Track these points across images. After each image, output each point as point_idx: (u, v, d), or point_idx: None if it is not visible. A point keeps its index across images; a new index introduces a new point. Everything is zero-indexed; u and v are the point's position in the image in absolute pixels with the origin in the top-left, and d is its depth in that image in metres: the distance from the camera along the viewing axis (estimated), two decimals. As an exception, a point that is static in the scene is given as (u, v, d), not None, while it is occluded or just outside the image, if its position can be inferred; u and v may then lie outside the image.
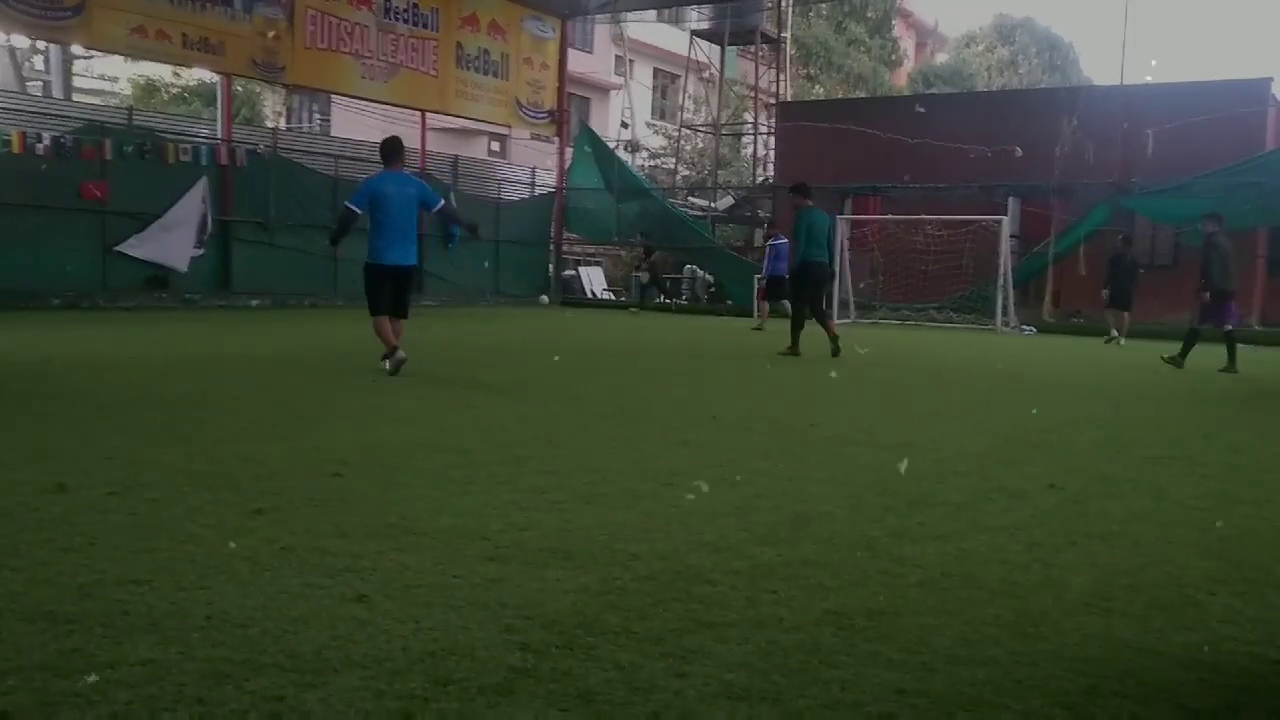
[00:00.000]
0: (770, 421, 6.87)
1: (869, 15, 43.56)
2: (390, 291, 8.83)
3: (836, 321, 15.33)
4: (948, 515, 4.24)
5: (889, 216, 22.66)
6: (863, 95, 38.51)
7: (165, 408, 6.56)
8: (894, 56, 46.01)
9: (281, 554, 3.34)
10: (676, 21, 36.43)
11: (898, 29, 47.64)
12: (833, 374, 10.00)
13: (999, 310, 20.30)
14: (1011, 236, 21.05)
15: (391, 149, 9.04)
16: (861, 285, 22.11)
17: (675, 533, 3.77)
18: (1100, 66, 60.87)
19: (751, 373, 10.45)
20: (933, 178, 22.62)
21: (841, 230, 21.69)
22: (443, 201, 9.29)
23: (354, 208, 8.78)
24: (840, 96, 38.53)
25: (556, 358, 10.50)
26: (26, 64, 30.04)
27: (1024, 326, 20.25)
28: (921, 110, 22.89)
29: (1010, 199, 21.70)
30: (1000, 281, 20.31)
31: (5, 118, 16.35)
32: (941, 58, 52.60)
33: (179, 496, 4.08)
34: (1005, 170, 22.17)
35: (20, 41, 24.94)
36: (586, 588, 3.10)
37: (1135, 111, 21.15)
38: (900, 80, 46.73)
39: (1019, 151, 22.06)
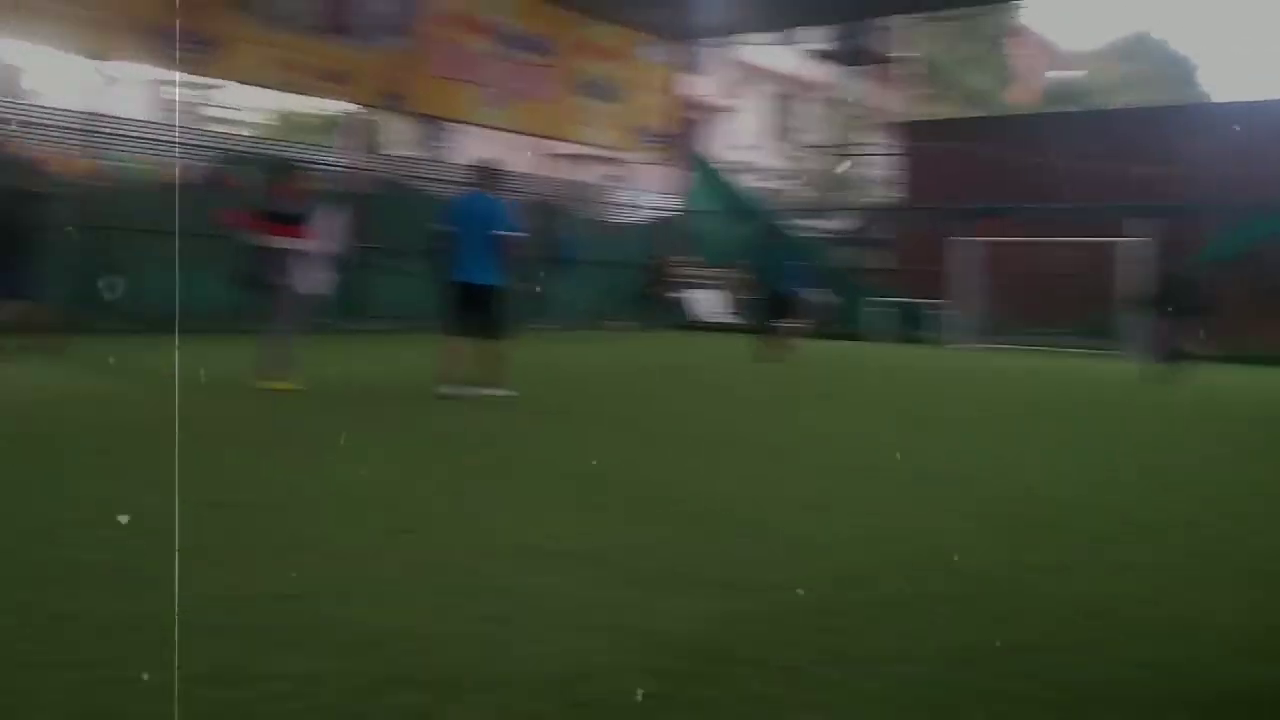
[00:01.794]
0: (898, 451, 6.78)
1: (987, 33, 42.81)
2: (465, 310, 8.66)
3: (956, 346, 15.19)
4: (1086, 550, 4.14)
5: (1015, 238, 22.14)
6: (984, 114, 37.78)
7: (306, 432, 6.78)
8: (1014, 74, 45.11)
9: (420, 572, 3.44)
10: (793, 43, 36.35)
11: (1017, 46, 46.69)
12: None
13: (1133, 337, 19.61)
14: (1148, 259, 20.36)
15: (480, 171, 9.10)
16: (984, 309, 21.63)
17: (807, 563, 3.76)
18: (1228, 82, 58.77)
19: (868, 398, 10.33)
20: (1064, 198, 22.04)
21: (966, 252, 21.30)
22: (513, 232, 8.85)
23: (441, 228, 8.89)
24: (962, 115, 37.89)
25: (657, 382, 10.53)
26: (169, 97, 31.52)
27: (1164, 353, 19.50)
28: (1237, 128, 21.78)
29: (1144, 219, 20.99)
30: (1136, 306, 19.61)
31: (150, 148, 17.15)
32: (1065, 75, 51.34)
33: (323, 516, 4.23)
34: (1139, 189, 21.48)
35: (164, 75, 26.24)
36: (719, 616, 3.11)
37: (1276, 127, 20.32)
38: (1021, 98, 45.77)
39: (1154, 170, 21.36)
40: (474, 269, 8.66)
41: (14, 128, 14.69)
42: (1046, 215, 22.19)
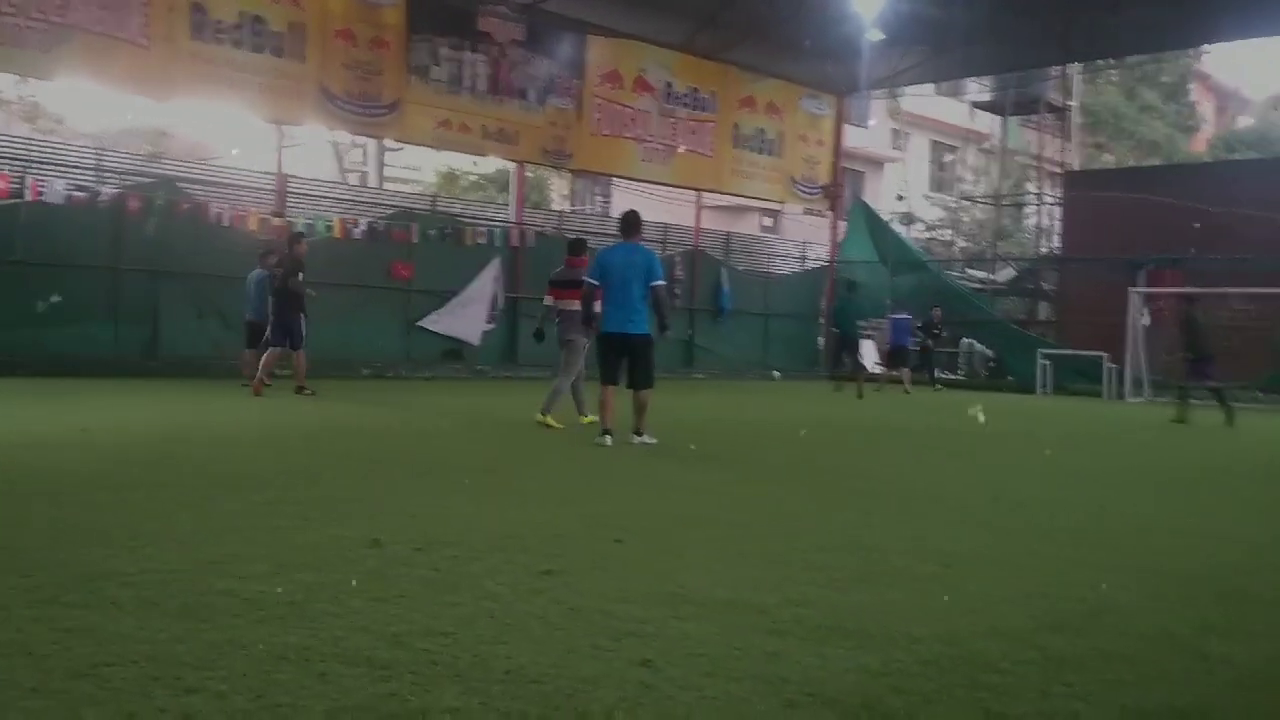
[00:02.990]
0: (1055, 504, 6.54)
1: (1163, 80, 41.32)
2: (615, 361, 8.89)
3: (1131, 399, 14.71)
4: (1262, 611, 3.91)
5: (1188, 289, 21.16)
6: (1157, 163, 36.38)
7: (462, 471, 7.00)
8: (1191, 122, 43.35)
9: (570, 614, 3.50)
10: (955, 94, 35.87)
11: (1195, 93, 44.90)
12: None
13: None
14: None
15: (626, 221, 9.23)
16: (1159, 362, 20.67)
17: (958, 616, 3.67)
18: None
19: (1026, 451, 9.99)
20: (1236, 249, 20.99)
21: (1134, 303, 20.51)
22: (660, 282, 8.93)
23: (590, 281, 9.05)
24: (1132, 165, 36.60)
25: (803, 432, 10.41)
26: (346, 157, 33.27)
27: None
28: None
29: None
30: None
31: (329, 206, 18.11)
32: (1245, 122, 49.04)
33: (476, 554, 4.35)
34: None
35: (342, 137, 27.67)
36: (867, 668, 3.06)
37: None
38: (1199, 146, 43.90)
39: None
40: (620, 319, 8.85)
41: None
42: (1221, 266, 21.15)
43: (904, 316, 21.30)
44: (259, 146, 20.82)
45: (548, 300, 10.61)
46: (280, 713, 2.56)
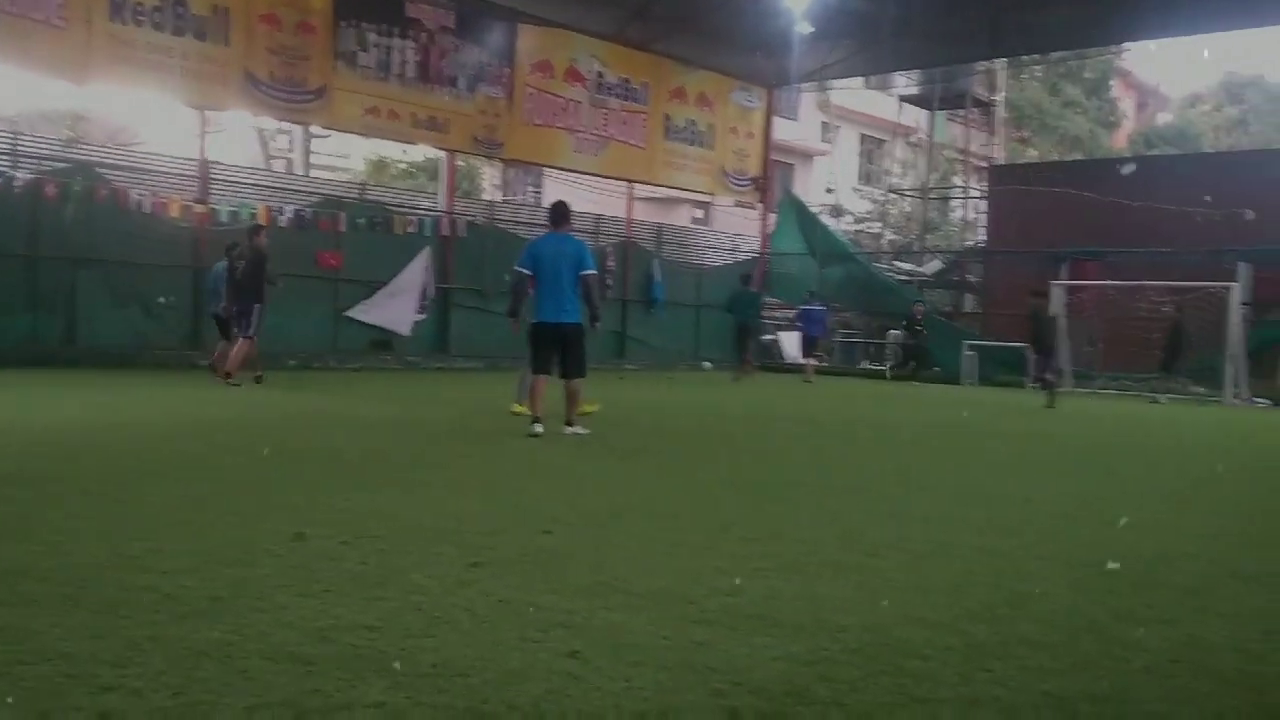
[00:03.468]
0: (980, 492, 6.66)
1: (1086, 76, 42.19)
2: (548, 350, 8.91)
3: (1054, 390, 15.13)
4: (1176, 599, 4.01)
5: (1108, 282, 21.68)
6: (1079, 158, 37.19)
7: (391, 463, 6.93)
8: (1113, 118, 44.36)
9: (499, 607, 3.48)
10: (884, 88, 36.28)
11: (1116, 90, 45.94)
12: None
13: (1228, 382, 19.05)
14: (1243, 304, 19.75)
15: (556, 211, 9.28)
16: (1080, 353, 21.17)
17: (884, 605, 3.72)
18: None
19: (954, 442, 10.17)
20: (1155, 242, 21.56)
21: (1057, 296, 20.95)
22: (590, 272, 8.96)
23: (520, 269, 9.03)
24: (1055, 159, 37.37)
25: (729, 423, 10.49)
26: (271, 143, 32.71)
27: (1256, 399, 18.92)
28: (1127, 171, 21.55)
29: (1240, 264, 20.38)
30: (1230, 351, 19.07)
31: (253, 193, 17.77)
32: (1164, 118, 50.32)
33: (404, 548, 4.31)
34: (1235, 234, 20.91)
35: (267, 123, 27.18)
36: (794, 656, 3.09)
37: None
38: (1120, 142, 44.94)
39: (1250, 214, 20.79)
40: (553, 309, 8.84)
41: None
42: (1139, 260, 21.73)
43: (818, 307, 21.88)
44: (182, 132, 20.40)
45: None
46: (200, 710, 2.51)
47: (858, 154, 42.29)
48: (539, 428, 8.66)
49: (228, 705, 2.54)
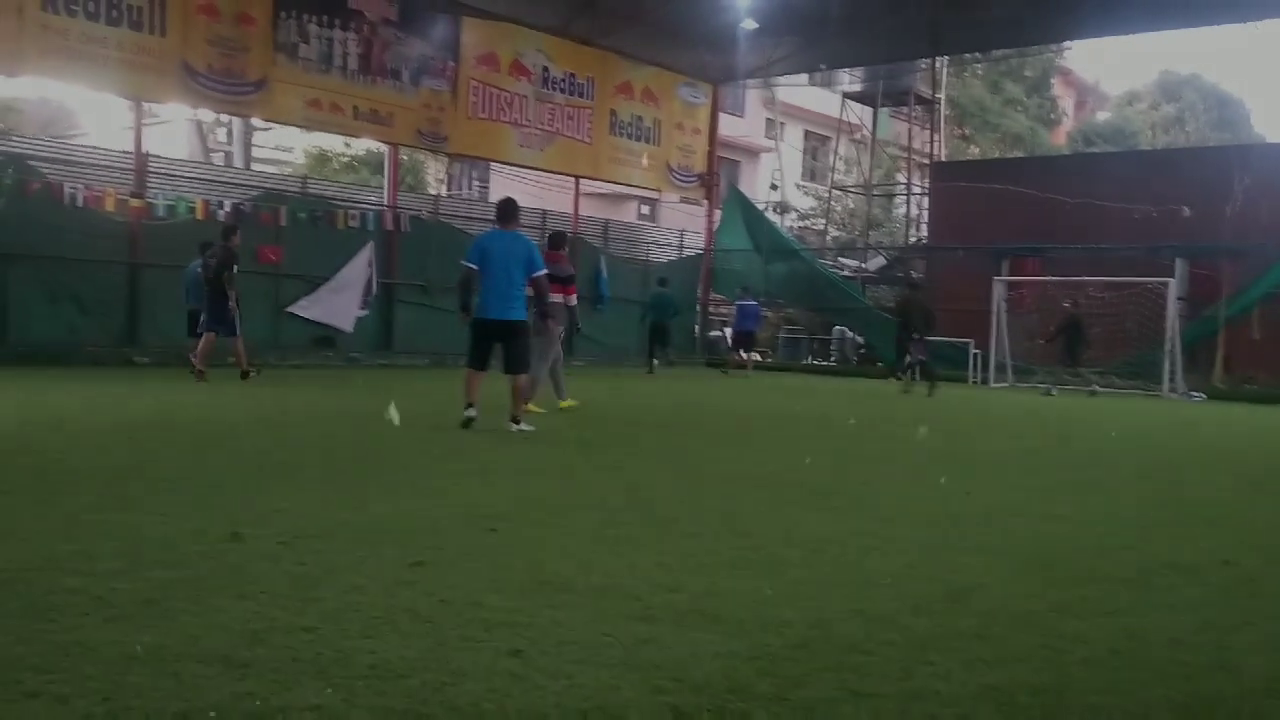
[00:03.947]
0: (924, 489, 6.72)
1: (1027, 74, 42.76)
2: (487, 346, 8.92)
3: (996, 384, 15.29)
4: (1112, 591, 4.07)
5: (1048, 278, 22.01)
6: (1020, 155, 37.70)
7: (332, 461, 6.84)
8: (1053, 115, 45.02)
9: (440, 606, 3.43)
10: (828, 85, 36.52)
11: (1056, 87, 46.62)
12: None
13: (1166, 376, 19.43)
14: (1179, 299, 20.17)
15: (503, 209, 9.22)
16: (1020, 349, 21.47)
17: (826, 601, 3.72)
18: (1275, 123, 58.14)
19: (896, 439, 10.25)
20: (1094, 238, 21.92)
21: (998, 292, 21.23)
22: (541, 272, 9.00)
23: (467, 264, 8.97)
24: (997, 156, 37.85)
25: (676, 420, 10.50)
26: (210, 136, 32.19)
27: (1192, 393, 19.33)
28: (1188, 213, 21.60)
29: (1177, 260, 20.79)
30: (1167, 346, 19.46)
31: (190, 186, 17.45)
32: (1103, 116, 51.16)
33: (343, 547, 4.24)
34: (1172, 231, 21.32)
35: (205, 115, 26.74)
36: (736, 652, 3.08)
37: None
38: (1059, 139, 45.62)
39: (1187, 211, 21.21)
40: (499, 305, 8.82)
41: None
42: (1079, 255, 22.07)
43: (751, 303, 22.38)
44: (120, 125, 19.99)
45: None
46: (129, 716, 2.44)
47: (802, 151, 42.55)
48: (474, 411, 8.73)
49: (157, 710, 2.47)
